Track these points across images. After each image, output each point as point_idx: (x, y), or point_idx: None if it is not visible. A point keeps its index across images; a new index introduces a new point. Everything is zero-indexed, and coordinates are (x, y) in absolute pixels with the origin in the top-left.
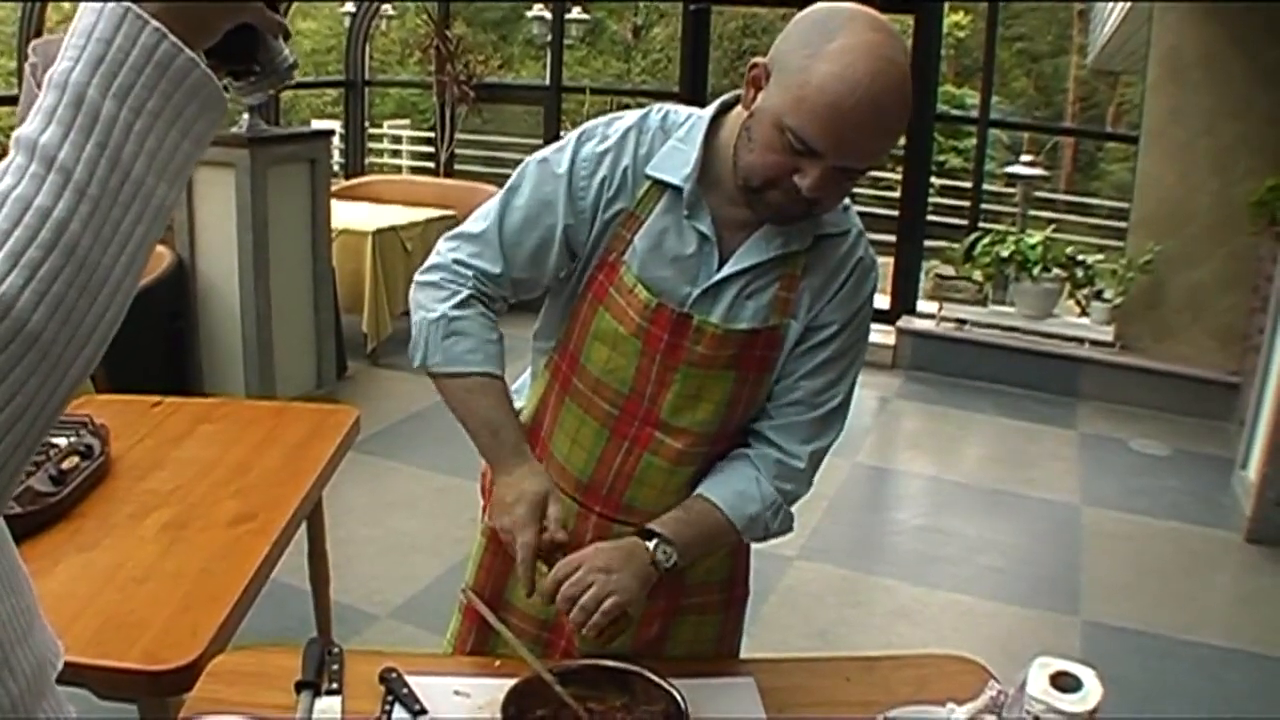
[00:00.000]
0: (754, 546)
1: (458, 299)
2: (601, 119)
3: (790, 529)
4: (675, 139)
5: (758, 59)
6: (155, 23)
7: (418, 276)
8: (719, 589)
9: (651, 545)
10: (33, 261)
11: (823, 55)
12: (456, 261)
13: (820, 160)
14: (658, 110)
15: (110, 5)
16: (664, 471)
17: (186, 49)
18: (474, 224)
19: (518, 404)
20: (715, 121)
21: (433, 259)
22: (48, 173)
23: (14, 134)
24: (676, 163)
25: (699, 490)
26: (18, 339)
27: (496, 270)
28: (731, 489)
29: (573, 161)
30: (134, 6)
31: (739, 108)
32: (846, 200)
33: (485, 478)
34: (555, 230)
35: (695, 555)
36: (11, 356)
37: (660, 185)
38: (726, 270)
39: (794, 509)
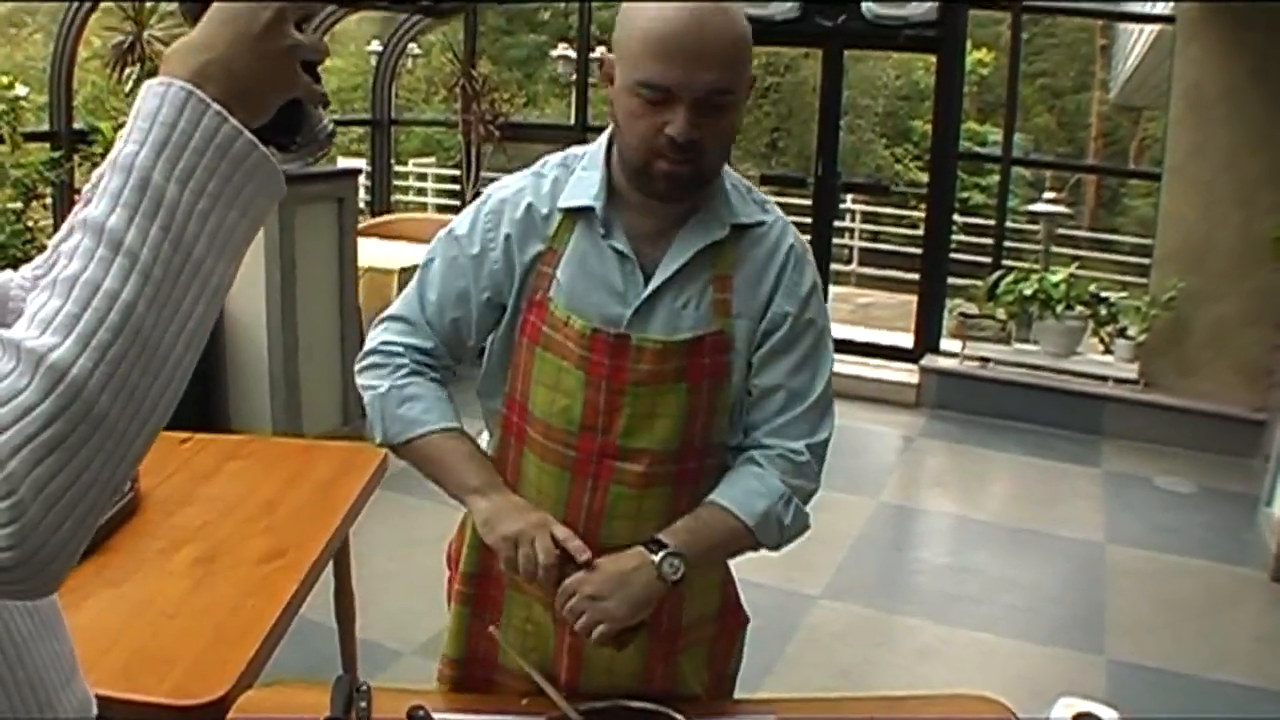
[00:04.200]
0: (776, 585)
1: (401, 372)
2: (501, 179)
3: (807, 526)
4: (579, 170)
5: (600, 54)
6: (216, 106)
7: (357, 365)
8: (713, 621)
9: (658, 558)
10: (102, 344)
11: (641, 12)
12: (386, 344)
13: (677, 101)
14: (555, 156)
15: (174, 88)
16: (633, 499)
17: (245, 131)
18: (398, 306)
19: None
20: (611, 143)
21: (367, 345)
22: (115, 256)
23: (79, 216)
24: (585, 187)
25: (709, 498)
26: (86, 420)
27: (428, 345)
28: (739, 488)
29: (474, 223)
30: (197, 91)
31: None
32: (763, 196)
33: (451, 547)
34: (470, 296)
35: (708, 561)
36: (80, 437)
37: (573, 215)
38: (655, 283)
39: (808, 507)
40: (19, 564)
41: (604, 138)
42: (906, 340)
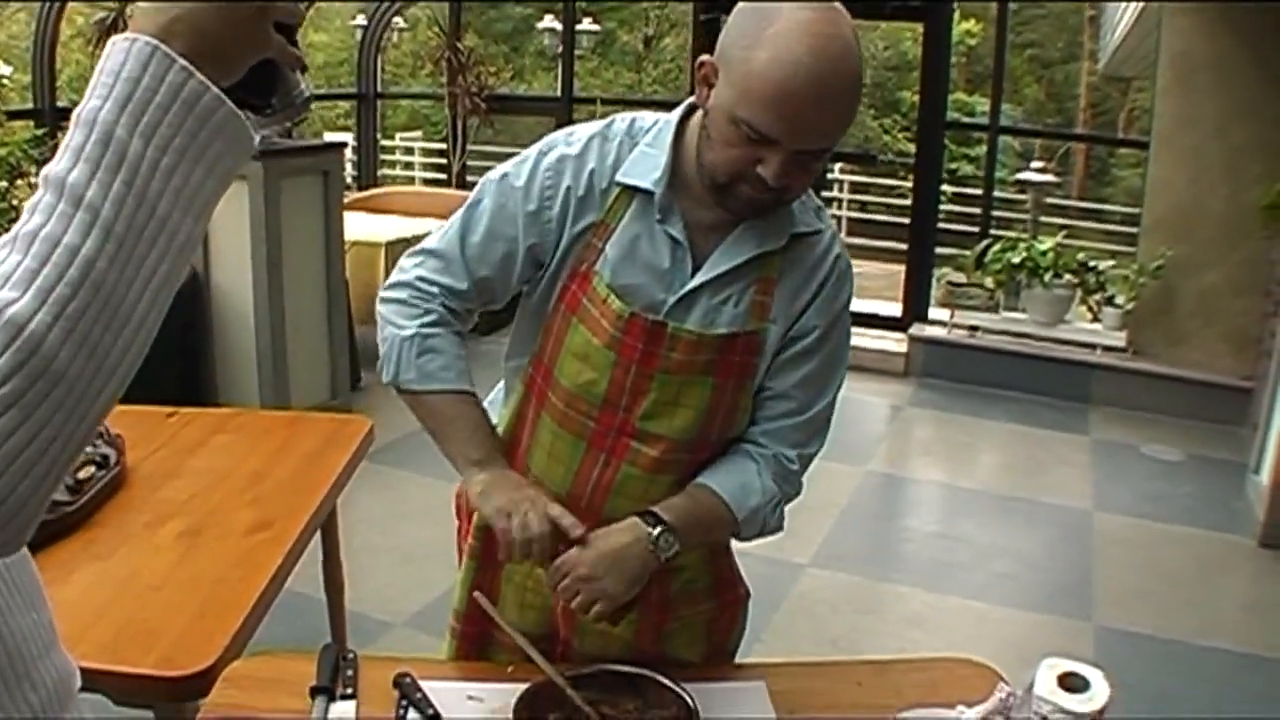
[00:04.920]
0: (765, 554)
1: (430, 317)
2: (562, 131)
3: (781, 528)
4: (644, 144)
5: (704, 58)
6: (182, 61)
7: (383, 292)
8: (704, 597)
9: (655, 533)
10: (61, 299)
11: (761, 42)
12: (421, 279)
13: (779, 147)
14: (623, 118)
15: (138, 43)
16: (642, 481)
17: (213, 86)
18: (437, 240)
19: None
20: (682, 124)
21: (397, 275)
22: (75, 210)
23: (42, 172)
24: (646, 167)
25: (702, 479)
26: (45, 375)
27: (462, 286)
28: (735, 481)
29: (533, 175)
30: (161, 45)
31: None
32: (819, 202)
33: (460, 497)
34: (517, 246)
35: (693, 545)
36: (38, 393)
37: (630, 192)
38: (701, 277)
39: (786, 509)
40: None
41: (674, 116)
42: (895, 309)
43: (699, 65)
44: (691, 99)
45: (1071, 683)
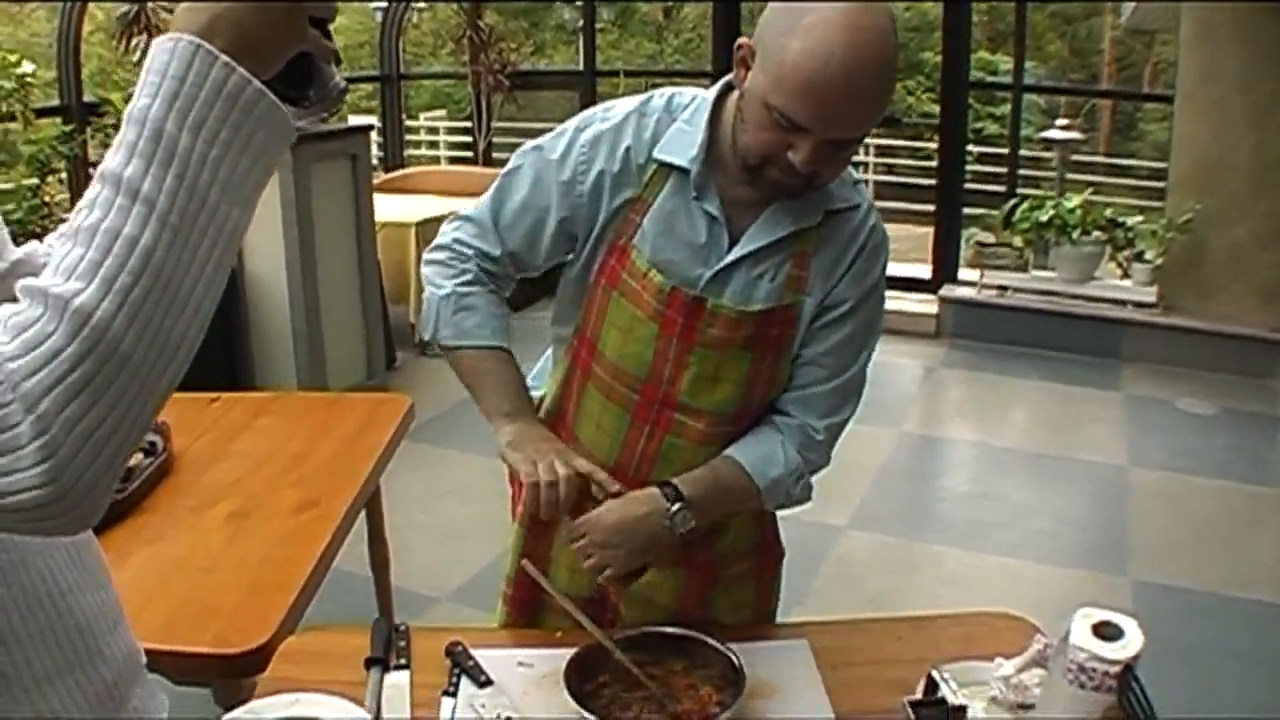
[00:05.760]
0: (803, 517)
1: (465, 277)
2: (600, 105)
3: (809, 498)
4: (681, 121)
5: (743, 39)
6: (224, 57)
7: (426, 254)
8: (750, 555)
9: (673, 509)
10: (124, 287)
11: (796, 31)
12: (458, 242)
13: (810, 135)
14: (661, 94)
15: (182, 43)
16: (688, 452)
17: (254, 80)
18: (474, 207)
19: (539, 391)
20: (719, 102)
21: (439, 239)
22: (133, 204)
23: (99, 169)
24: (683, 144)
25: (726, 451)
26: (113, 360)
27: (496, 252)
28: (758, 452)
29: (569, 149)
30: (204, 44)
31: None
32: (855, 174)
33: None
34: (549, 218)
35: (714, 517)
36: (107, 377)
37: (666, 168)
38: (737, 252)
39: (814, 480)
40: (54, 500)
41: (710, 95)
42: (924, 271)
43: (737, 47)
44: (729, 76)
45: (1106, 631)
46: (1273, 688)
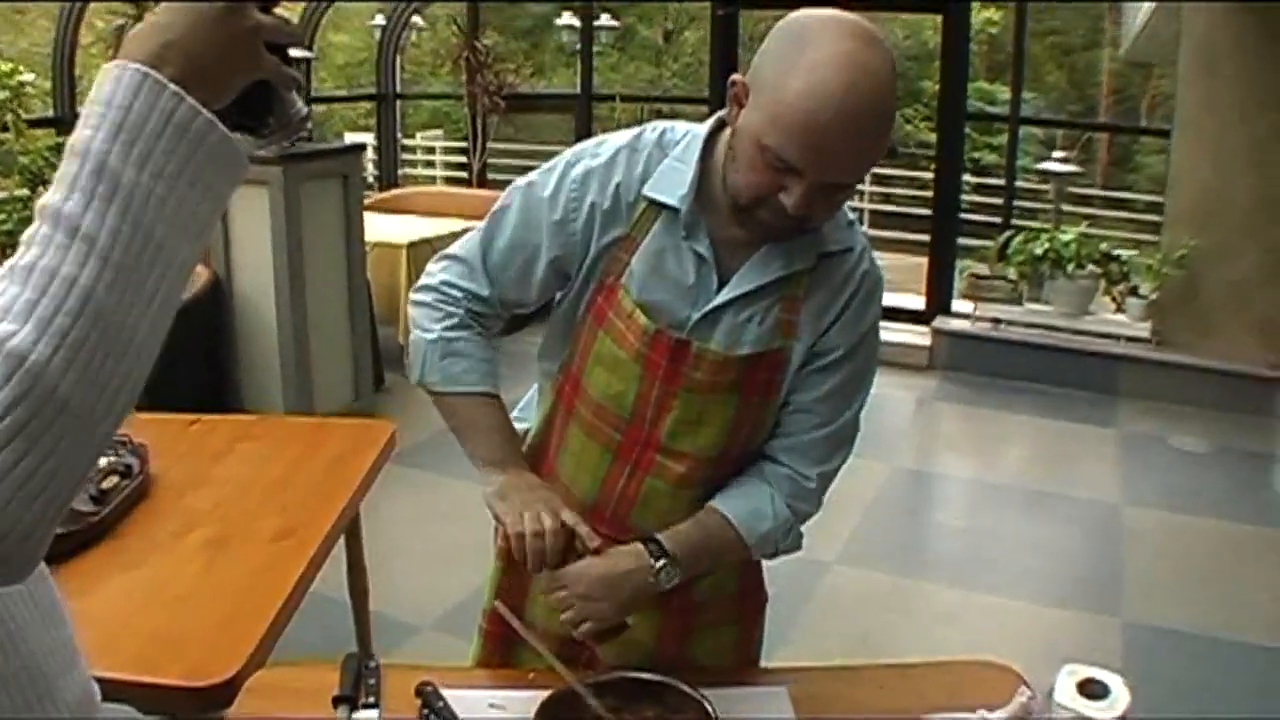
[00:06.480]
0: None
1: (453, 320)
2: (592, 140)
3: (799, 547)
4: (673, 157)
5: (736, 76)
6: (173, 86)
7: (412, 295)
8: (732, 601)
9: (657, 566)
10: (61, 329)
11: (795, 70)
12: (445, 284)
13: (803, 177)
14: (653, 128)
15: (130, 71)
16: (667, 495)
17: (205, 111)
18: (462, 246)
19: (524, 424)
20: (711, 139)
21: (424, 279)
22: (72, 241)
23: (38, 204)
24: (673, 182)
25: (714, 503)
26: (48, 405)
27: (485, 293)
28: (747, 507)
29: (560, 186)
30: (152, 72)
31: None
32: (852, 216)
33: None
34: (540, 257)
35: (701, 571)
36: (43, 422)
37: (656, 206)
38: (726, 295)
39: (803, 527)
40: None
41: (702, 131)
42: (918, 302)
43: (731, 83)
44: (721, 112)
45: (1092, 689)
46: None
